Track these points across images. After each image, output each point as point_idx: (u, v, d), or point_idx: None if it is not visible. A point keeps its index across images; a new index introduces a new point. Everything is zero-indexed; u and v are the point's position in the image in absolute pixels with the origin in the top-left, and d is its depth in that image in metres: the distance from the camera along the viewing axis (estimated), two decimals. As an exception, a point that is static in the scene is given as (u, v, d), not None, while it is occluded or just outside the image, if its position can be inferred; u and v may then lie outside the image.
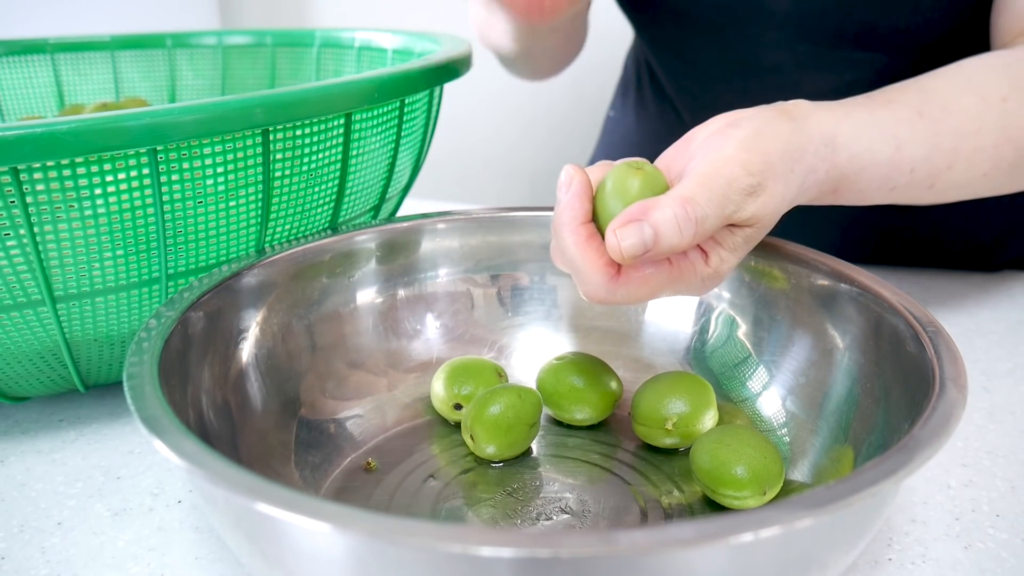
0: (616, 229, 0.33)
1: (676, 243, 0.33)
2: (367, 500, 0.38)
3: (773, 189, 0.35)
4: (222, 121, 0.37)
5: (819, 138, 0.38)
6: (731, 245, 0.36)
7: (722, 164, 0.34)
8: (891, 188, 0.42)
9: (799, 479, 0.38)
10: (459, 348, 0.47)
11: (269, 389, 0.40)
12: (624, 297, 0.35)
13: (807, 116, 0.38)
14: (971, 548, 0.36)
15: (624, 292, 0.35)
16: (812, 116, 0.39)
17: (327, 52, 0.74)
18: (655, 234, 0.33)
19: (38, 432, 0.45)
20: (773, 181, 0.35)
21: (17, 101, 0.74)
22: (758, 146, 0.35)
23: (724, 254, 0.36)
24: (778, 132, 0.36)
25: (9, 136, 0.32)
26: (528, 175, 1.37)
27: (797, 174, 0.37)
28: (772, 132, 0.36)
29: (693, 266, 0.36)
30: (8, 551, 0.36)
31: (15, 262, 0.36)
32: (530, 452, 0.42)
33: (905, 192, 0.43)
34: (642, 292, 0.35)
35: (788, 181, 0.36)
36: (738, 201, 0.34)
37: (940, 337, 0.33)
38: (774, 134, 0.36)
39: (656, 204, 0.33)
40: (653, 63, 0.70)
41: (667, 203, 0.33)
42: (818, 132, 0.38)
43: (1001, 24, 0.49)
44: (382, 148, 0.49)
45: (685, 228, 0.33)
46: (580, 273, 0.35)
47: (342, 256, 0.45)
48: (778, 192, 0.36)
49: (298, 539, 0.25)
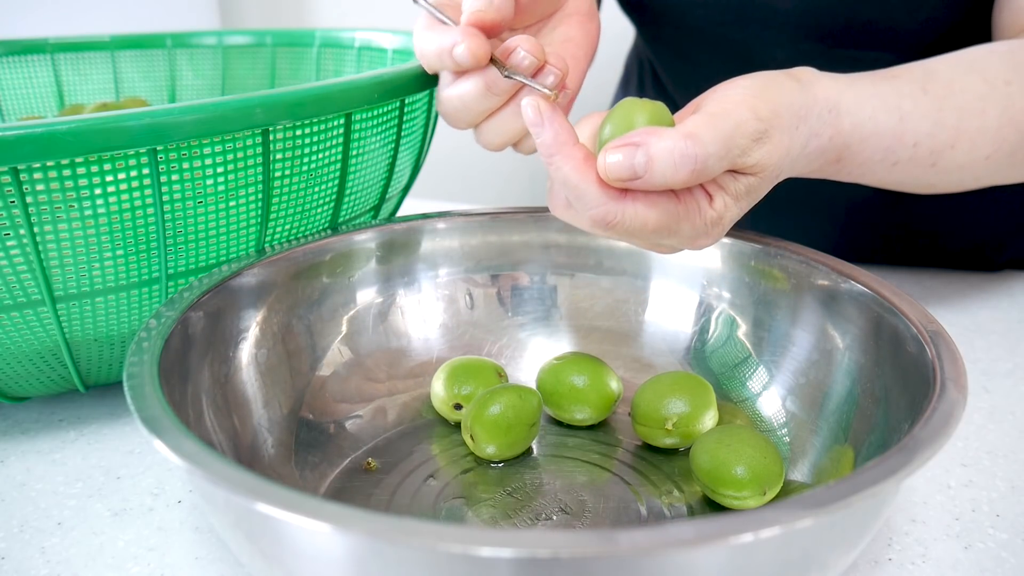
0: (611, 146, 0.32)
1: (669, 176, 0.32)
2: (367, 500, 0.38)
3: (779, 140, 0.35)
4: (222, 121, 0.37)
5: (823, 102, 0.38)
6: (734, 191, 0.36)
7: (731, 106, 0.34)
8: (894, 162, 0.42)
9: (799, 479, 0.38)
10: (459, 348, 0.47)
11: (269, 389, 0.40)
12: (631, 219, 0.34)
13: (812, 81, 0.39)
14: (971, 548, 0.36)
15: (631, 211, 0.33)
16: (817, 82, 0.39)
17: (327, 52, 0.74)
18: (648, 161, 0.32)
19: (38, 432, 0.45)
20: (780, 132, 0.35)
21: (17, 101, 0.74)
22: (766, 95, 0.35)
23: (728, 200, 0.35)
24: (784, 87, 0.37)
25: (9, 136, 0.32)
26: (528, 175, 1.37)
27: (802, 132, 0.37)
28: (779, 86, 0.36)
29: (698, 205, 0.35)
30: (8, 551, 0.36)
31: (15, 262, 0.36)
32: (530, 452, 0.42)
33: (908, 169, 0.43)
34: (651, 214, 0.34)
35: (793, 137, 0.36)
36: (744, 145, 0.34)
37: (940, 337, 0.33)
38: (780, 88, 0.36)
39: (658, 132, 0.32)
40: (654, 62, 0.70)
41: (670, 134, 0.32)
42: (823, 96, 0.38)
43: (1002, 21, 0.49)
44: (382, 148, 0.49)
45: (681, 163, 0.32)
46: (584, 197, 0.34)
47: (342, 256, 0.45)
48: (783, 144, 0.35)
49: (298, 539, 0.25)
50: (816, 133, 0.38)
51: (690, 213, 0.35)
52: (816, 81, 0.39)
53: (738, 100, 0.34)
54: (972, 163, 0.44)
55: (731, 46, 0.60)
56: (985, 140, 0.43)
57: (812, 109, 0.38)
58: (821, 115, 0.38)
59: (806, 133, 0.37)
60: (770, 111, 0.35)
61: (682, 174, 0.32)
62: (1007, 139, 0.43)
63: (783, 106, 0.36)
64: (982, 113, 0.42)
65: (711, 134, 0.33)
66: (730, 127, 0.33)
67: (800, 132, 0.37)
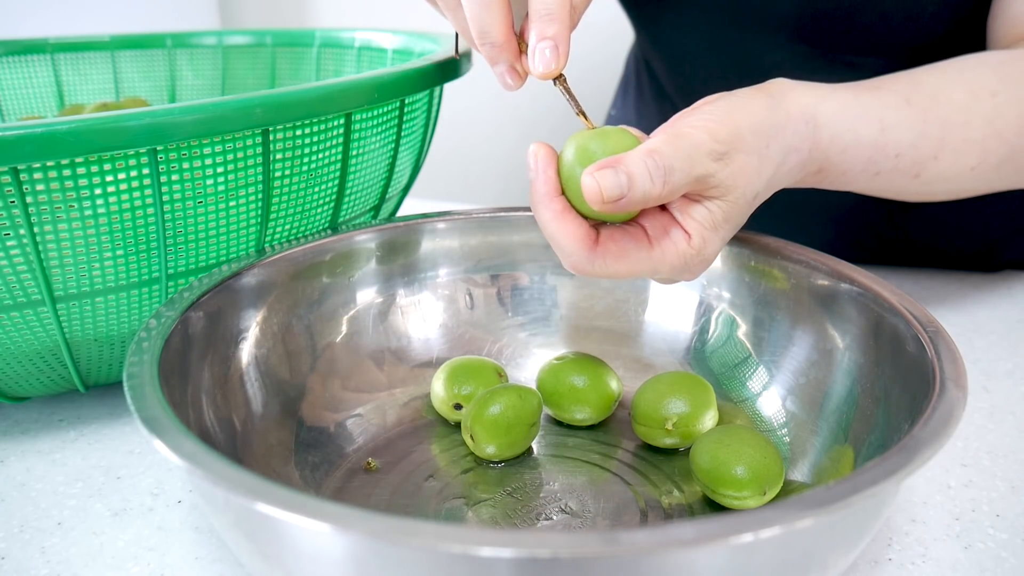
0: (594, 171, 0.33)
1: (648, 189, 0.33)
2: (367, 500, 0.38)
3: (745, 161, 0.35)
4: (222, 121, 0.37)
5: (798, 116, 0.38)
6: (711, 222, 0.36)
7: (688, 128, 0.35)
8: (876, 172, 0.42)
9: (799, 479, 0.38)
10: (459, 348, 0.47)
11: (269, 389, 0.40)
12: (603, 270, 0.35)
13: (785, 94, 0.39)
14: (971, 548, 0.36)
15: (603, 264, 0.35)
16: (791, 94, 0.39)
17: (327, 52, 0.74)
18: (629, 180, 0.33)
19: (38, 432, 0.45)
20: (745, 153, 0.36)
21: (17, 101, 0.74)
22: (727, 119, 0.36)
23: (706, 233, 0.36)
24: (751, 108, 0.37)
25: (9, 136, 0.32)
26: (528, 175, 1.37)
27: (774, 151, 0.37)
28: (745, 108, 0.37)
29: (674, 244, 0.36)
30: (8, 551, 0.36)
31: (15, 262, 0.36)
32: (530, 452, 0.42)
33: (891, 179, 0.43)
34: (621, 266, 0.35)
35: (763, 157, 0.36)
36: (705, 163, 0.34)
37: (940, 337, 0.33)
38: (747, 109, 0.37)
39: (625, 154, 0.34)
40: (653, 62, 0.70)
41: (635, 154, 0.33)
42: (796, 110, 0.38)
43: (997, 29, 0.49)
44: (382, 148, 0.49)
45: (655, 174, 0.33)
46: (559, 246, 0.36)
47: (342, 256, 0.45)
48: (751, 165, 0.36)
49: (298, 539, 0.25)
50: (795, 148, 0.38)
51: (666, 254, 0.36)
52: (789, 94, 0.39)
53: (696, 124, 0.35)
54: (957, 174, 0.44)
55: (729, 47, 0.60)
56: (970, 151, 0.43)
57: (786, 126, 0.38)
58: (797, 129, 0.38)
59: (780, 151, 0.37)
60: (729, 133, 0.35)
61: (658, 186, 0.33)
62: (993, 151, 0.43)
63: (745, 128, 0.36)
64: (966, 125, 0.42)
65: (670, 149, 0.34)
66: (688, 146, 0.34)
67: (771, 151, 0.37)
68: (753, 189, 0.36)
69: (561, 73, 0.37)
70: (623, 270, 0.36)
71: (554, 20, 0.35)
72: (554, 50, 0.36)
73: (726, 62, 0.61)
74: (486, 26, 0.36)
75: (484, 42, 0.37)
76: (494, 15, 0.36)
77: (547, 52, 0.36)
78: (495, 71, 0.39)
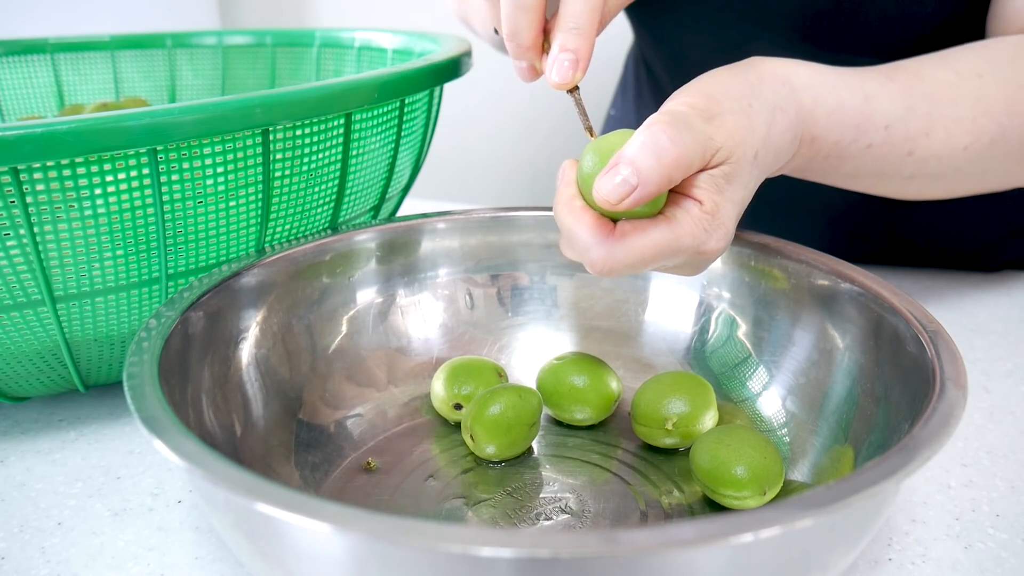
0: (597, 183, 0.33)
1: (655, 163, 0.32)
2: (367, 500, 0.38)
3: (734, 120, 0.35)
4: (222, 121, 0.37)
5: (771, 77, 0.39)
6: (715, 185, 0.35)
7: (670, 107, 0.35)
8: (868, 144, 0.42)
9: (799, 479, 0.38)
10: (459, 348, 0.47)
11: (269, 389, 0.40)
12: (625, 256, 0.34)
13: (753, 62, 0.39)
14: (971, 548, 0.36)
15: (623, 251, 0.34)
16: (762, 62, 0.40)
17: (327, 52, 0.74)
18: (633, 167, 0.32)
19: (38, 432, 0.45)
20: (730, 114, 0.36)
21: (17, 101, 0.74)
22: (699, 90, 0.36)
23: (714, 196, 0.35)
24: (720, 79, 0.38)
25: (9, 136, 0.32)
26: (528, 175, 1.37)
27: (759, 110, 0.37)
28: (713, 79, 0.37)
29: (687, 212, 0.35)
30: (8, 551, 0.36)
31: (15, 262, 0.36)
32: (530, 452, 0.42)
33: (884, 155, 0.43)
34: (643, 244, 0.34)
35: (750, 116, 0.36)
36: (702, 127, 0.34)
37: (940, 337, 0.33)
38: (716, 80, 0.37)
39: (626, 146, 0.33)
40: (653, 63, 0.70)
41: (635, 137, 0.33)
42: (769, 72, 0.39)
43: (995, 28, 0.50)
44: (382, 148, 0.49)
45: (659, 143, 0.33)
46: (576, 242, 0.35)
47: (342, 256, 0.45)
48: (742, 125, 0.36)
49: (298, 539, 0.25)
50: (779, 107, 0.38)
51: (683, 224, 0.35)
52: (760, 62, 0.39)
53: (675, 102, 0.36)
54: (951, 153, 0.44)
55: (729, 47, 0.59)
56: (961, 130, 0.43)
57: (761, 86, 0.38)
58: (776, 90, 0.38)
59: (765, 108, 0.37)
60: (706, 100, 0.35)
61: (668, 157, 0.33)
62: (984, 130, 0.43)
63: (719, 94, 0.36)
64: (954, 102, 0.43)
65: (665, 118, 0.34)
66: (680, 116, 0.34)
67: (756, 109, 0.37)
68: (752, 146, 0.36)
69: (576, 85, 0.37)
70: (647, 247, 0.34)
71: (580, 35, 0.36)
72: (573, 64, 0.36)
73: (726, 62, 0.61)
74: (518, 27, 0.36)
75: (512, 39, 0.37)
76: (529, 19, 0.36)
77: (566, 64, 0.36)
78: (514, 63, 0.39)
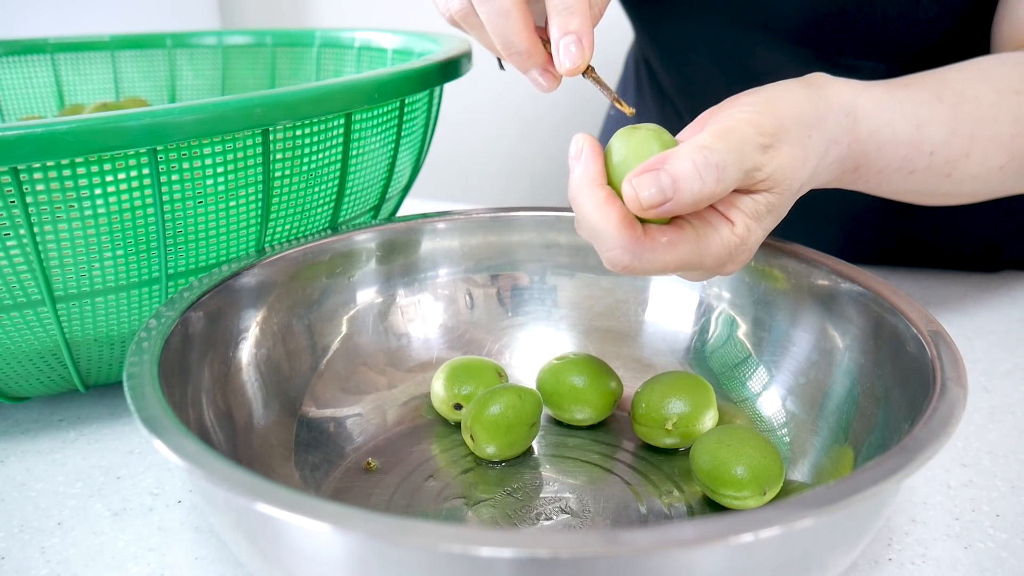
0: (632, 179, 0.32)
1: (698, 189, 0.31)
2: (367, 500, 0.38)
3: (791, 152, 0.35)
4: (222, 121, 0.37)
5: (838, 107, 0.37)
6: (755, 212, 0.35)
7: (734, 123, 0.34)
8: (910, 171, 0.41)
9: (799, 479, 0.38)
10: (459, 348, 0.47)
11: (269, 389, 0.40)
12: (650, 262, 0.33)
13: (825, 85, 0.38)
14: (971, 548, 0.36)
15: (650, 256, 0.33)
16: (831, 86, 0.38)
17: (327, 52, 0.74)
18: (674, 182, 0.31)
19: (38, 432, 0.45)
20: (789, 144, 0.35)
21: (17, 101, 0.74)
22: (770, 110, 0.35)
23: (750, 223, 0.35)
24: (793, 99, 0.36)
25: (9, 136, 0.32)
26: (528, 175, 1.37)
27: (817, 142, 0.36)
28: (786, 99, 0.36)
29: (718, 232, 0.34)
30: (8, 551, 0.36)
31: (15, 262, 0.36)
32: (530, 452, 0.42)
33: (924, 178, 0.42)
34: (669, 257, 0.33)
35: (807, 148, 0.36)
36: (754, 157, 0.33)
37: (940, 337, 0.33)
38: (788, 100, 0.36)
39: (672, 154, 0.32)
40: (653, 63, 0.70)
41: (683, 151, 0.32)
42: (837, 101, 0.38)
43: (1002, 32, 0.49)
44: (382, 148, 0.49)
45: (706, 173, 0.31)
46: (602, 237, 0.33)
47: (342, 256, 0.45)
48: (797, 157, 0.35)
49: (298, 539, 0.25)
50: (835, 140, 0.37)
51: (712, 244, 0.34)
52: (829, 85, 0.38)
53: (740, 118, 0.34)
54: (986, 173, 0.44)
55: (729, 49, 0.60)
56: (999, 150, 0.43)
57: (827, 116, 0.37)
58: (838, 121, 0.37)
59: (823, 141, 0.37)
60: (775, 125, 0.34)
61: (709, 184, 0.32)
62: (1020, 149, 0.43)
63: (788, 118, 0.35)
64: (995, 122, 0.42)
65: (722, 144, 0.32)
66: (737, 140, 0.33)
67: (814, 141, 0.36)
68: (799, 180, 0.36)
69: (589, 65, 0.36)
70: (672, 260, 0.33)
71: (573, 13, 0.34)
72: (578, 43, 0.35)
73: (726, 64, 0.61)
74: (508, 36, 0.35)
75: (510, 53, 0.36)
76: (513, 23, 0.35)
77: (572, 47, 0.35)
78: (528, 77, 0.38)
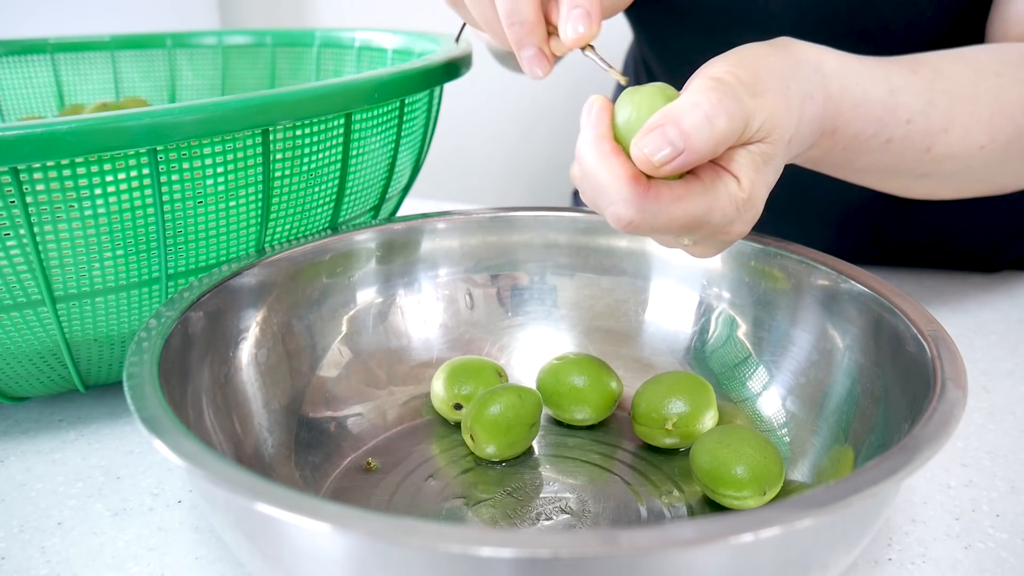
0: (639, 140, 0.31)
1: (707, 135, 0.31)
2: (367, 500, 0.38)
3: (775, 100, 0.35)
4: (222, 121, 0.37)
5: (805, 63, 0.38)
6: (754, 163, 0.34)
7: (714, 73, 0.34)
8: (887, 139, 0.41)
9: (799, 479, 0.38)
10: (459, 348, 0.47)
11: (269, 389, 0.40)
12: (655, 217, 0.32)
13: (789, 44, 0.39)
14: (971, 548, 0.36)
15: (655, 209, 0.32)
16: (795, 44, 0.39)
17: (327, 52, 0.74)
18: (682, 133, 0.31)
19: (38, 432, 0.45)
20: (772, 93, 0.35)
21: (17, 101, 0.74)
22: (743, 63, 0.35)
23: (753, 175, 0.34)
24: (762, 53, 0.36)
25: (9, 136, 0.32)
26: (528, 175, 1.37)
27: (795, 92, 0.36)
28: (756, 53, 0.36)
29: (726, 187, 0.34)
30: (8, 551, 0.36)
31: (15, 262, 0.36)
32: (530, 452, 0.42)
33: (902, 150, 0.42)
34: (676, 211, 0.32)
35: (788, 98, 0.36)
36: (746, 101, 0.33)
37: (940, 337, 0.33)
38: (758, 54, 0.36)
39: (674, 106, 0.32)
40: (652, 63, 0.70)
41: (684, 102, 0.32)
42: (803, 57, 0.38)
43: (995, 32, 0.50)
44: (382, 148, 0.49)
45: (714, 114, 0.31)
46: (605, 191, 0.32)
47: (342, 256, 0.45)
48: (781, 105, 0.35)
49: (298, 539, 0.25)
50: (810, 95, 0.37)
51: (720, 198, 0.34)
52: (793, 44, 0.39)
53: (718, 68, 0.34)
54: (967, 153, 0.43)
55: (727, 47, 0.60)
56: (979, 128, 0.43)
57: (796, 71, 0.37)
58: (808, 76, 0.37)
59: (800, 93, 0.37)
60: (752, 75, 0.34)
61: (719, 127, 0.31)
62: (1001, 129, 0.43)
63: (763, 69, 0.35)
64: (974, 99, 0.42)
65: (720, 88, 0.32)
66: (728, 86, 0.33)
67: (793, 92, 0.36)
68: (788, 129, 0.36)
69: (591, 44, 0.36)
70: (679, 215, 0.33)
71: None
72: (586, 16, 0.35)
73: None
74: (516, 3, 0.35)
75: (513, 21, 0.36)
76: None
77: (582, 18, 0.35)
78: (522, 57, 0.37)
